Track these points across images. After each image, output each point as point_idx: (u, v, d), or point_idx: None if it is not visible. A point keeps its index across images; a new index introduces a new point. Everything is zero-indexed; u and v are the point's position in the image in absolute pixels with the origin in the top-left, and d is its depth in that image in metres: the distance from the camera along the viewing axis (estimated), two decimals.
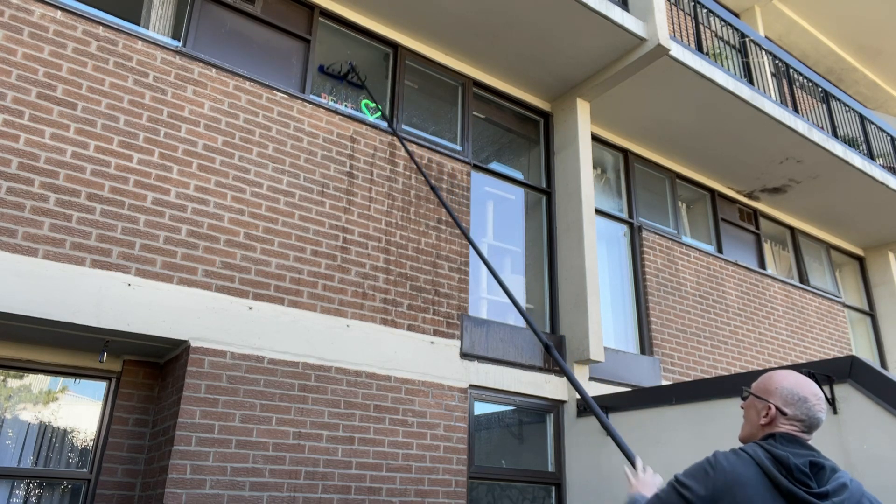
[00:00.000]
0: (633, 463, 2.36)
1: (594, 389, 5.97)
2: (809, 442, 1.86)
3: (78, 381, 4.32)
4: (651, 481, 2.21)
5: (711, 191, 8.56)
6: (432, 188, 4.84)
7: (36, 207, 3.86)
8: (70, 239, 3.92)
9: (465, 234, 4.36)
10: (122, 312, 3.93)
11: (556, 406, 5.86)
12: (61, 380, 4.29)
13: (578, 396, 5.80)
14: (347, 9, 5.81)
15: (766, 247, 9.11)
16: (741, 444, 1.93)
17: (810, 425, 1.87)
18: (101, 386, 4.34)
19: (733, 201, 8.82)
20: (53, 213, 3.91)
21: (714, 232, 8.34)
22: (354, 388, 4.66)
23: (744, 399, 2.04)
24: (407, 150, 5.08)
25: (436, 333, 5.24)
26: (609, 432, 2.77)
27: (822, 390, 3.94)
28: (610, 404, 5.37)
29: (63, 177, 4.01)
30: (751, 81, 7.69)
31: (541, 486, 5.60)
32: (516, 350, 5.70)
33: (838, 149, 8.06)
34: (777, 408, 1.88)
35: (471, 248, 5.91)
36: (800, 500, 1.69)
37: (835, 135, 8.64)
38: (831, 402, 3.95)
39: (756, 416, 1.94)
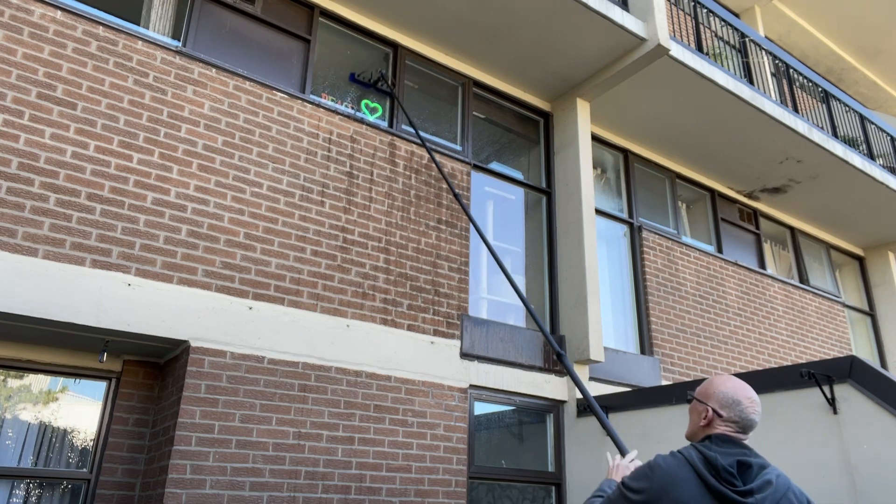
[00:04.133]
0: (623, 455, 2.55)
1: (594, 389, 5.97)
2: (746, 441, 2.01)
3: (78, 381, 4.32)
4: (628, 467, 2.41)
5: (711, 191, 8.56)
6: (452, 191, 4.84)
7: (36, 207, 3.86)
8: (70, 239, 3.92)
9: (483, 238, 4.36)
10: (122, 312, 3.93)
11: (556, 406, 5.86)
12: (61, 380, 4.28)
13: (579, 396, 5.81)
14: (347, 9, 5.81)
15: (766, 247, 9.11)
16: (689, 443, 2.09)
17: (744, 426, 2.02)
18: (101, 386, 4.34)
19: (733, 201, 8.83)
20: (53, 213, 3.91)
21: (714, 232, 8.34)
22: (354, 388, 4.66)
23: (688, 402, 2.21)
24: (432, 157, 5.08)
25: (436, 333, 5.24)
26: (604, 426, 2.92)
27: (824, 390, 3.95)
28: (610, 404, 5.37)
29: (63, 177, 4.01)
30: (751, 81, 7.69)
31: (541, 486, 5.60)
32: (516, 350, 5.70)
33: (838, 149, 8.06)
34: (714, 410, 2.04)
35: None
36: (726, 498, 1.84)
37: (835, 135, 8.64)
38: (831, 402, 3.95)
39: (697, 417, 2.11)
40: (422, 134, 5.99)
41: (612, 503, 1.99)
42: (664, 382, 6.58)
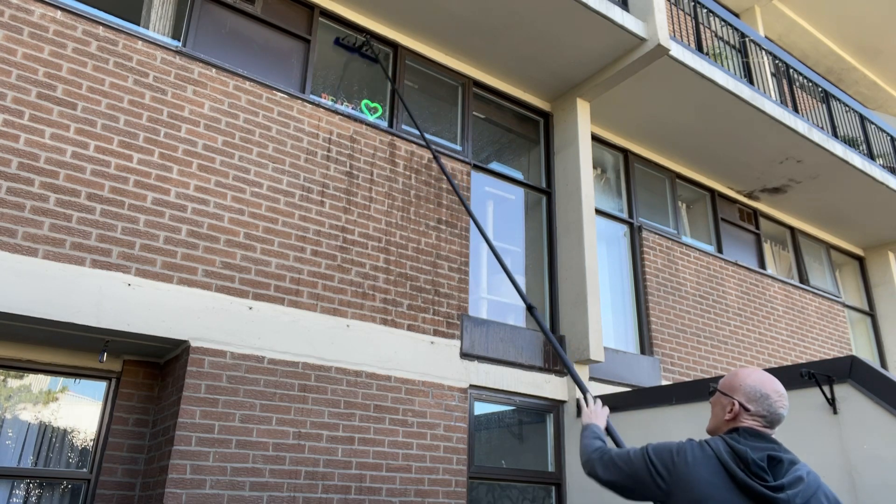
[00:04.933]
0: (585, 395, 2.73)
1: (594, 389, 5.97)
2: (773, 436, 1.97)
3: (78, 381, 4.32)
4: (601, 412, 2.58)
5: (711, 191, 8.56)
6: (450, 183, 4.84)
7: (36, 207, 3.86)
8: (70, 239, 3.92)
9: (483, 234, 4.36)
10: (122, 312, 3.93)
11: (556, 406, 5.86)
12: (61, 380, 4.28)
13: (579, 396, 5.80)
14: (347, 9, 5.81)
15: (766, 247, 9.11)
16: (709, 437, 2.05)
17: (772, 421, 1.98)
18: (101, 386, 4.34)
19: (733, 201, 8.82)
20: (53, 213, 3.91)
21: (714, 232, 8.34)
22: (354, 388, 4.66)
23: (711, 395, 2.15)
24: (429, 148, 5.08)
25: (436, 333, 5.24)
26: (568, 370, 3.24)
27: (824, 390, 3.95)
28: (610, 404, 5.36)
29: (63, 177, 4.01)
30: (751, 81, 7.69)
31: (541, 486, 5.60)
32: (516, 350, 5.70)
33: (838, 149, 8.06)
34: (741, 404, 1.98)
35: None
36: (755, 492, 1.78)
37: (835, 135, 8.64)
38: (831, 402, 3.95)
39: (721, 411, 2.05)
40: (409, 129, 5.99)
41: (632, 462, 2.00)
42: (664, 382, 6.58)
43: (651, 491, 1.95)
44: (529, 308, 3.70)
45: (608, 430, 2.67)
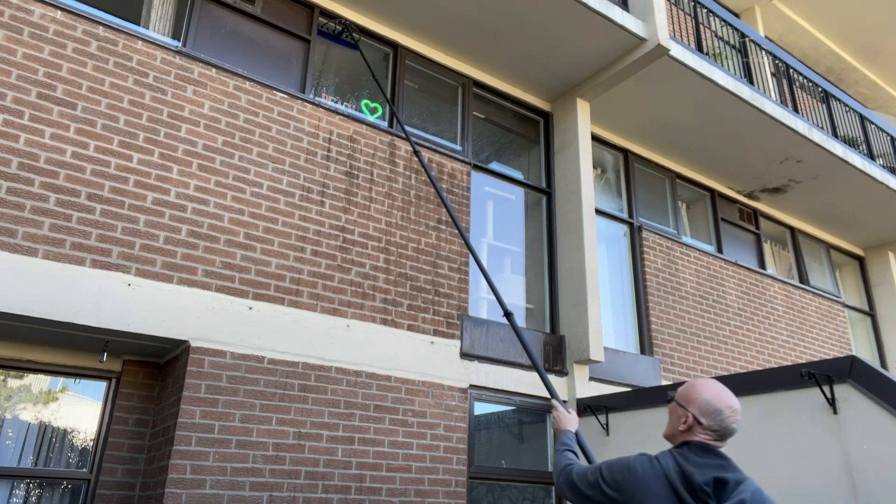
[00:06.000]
0: (555, 400, 2.89)
1: (594, 389, 5.98)
2: (723, 449, 2.04)
3: (78, 381, 4.32)
4: (572, 418, 2.70)
5: (711, 191, 8.56)
6: (434, 185, 4.84)
7: (36, 207, 3.86)
8: (70, 239, 3.92)
9: (461, 231, 4.36)
10: (122, 312, 3.93)
11: None
12: (61, 380, 4.28)
13: (579, 396, 5.81)
14: (347, 9, 5.81)
15: (766, 247, 9.11)
16: (671, 443, 2.16)
17: (723, 435, 2.04)
18: (101, 386, 4.34)
19: (733, 201, 8.83)
20: (53, 213, 3.91)
21: (714, 232, 8.34)
22: (354, 388, 4.66)
23: (668, 402, 2.22)
24: (418, 155, 5.08)
25: (436, 333, 5.24)
26: (542, 378, 3.31)
27: (824, 390, 3.95)
28: (610, 404, 5.38)
29: (63, 177, 4.01)
30: (751, 81, 7.69)
31: (541, 486, 5.60)
32: (516, 350, 5.70)
33: (838, 149, 8.06)
34: (695, 417, 2.05)
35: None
36: None
37: (835, 135, 8.64)
38: (831, 402, 3.95)
39: (677, 421, 2.12)
40: (410, 129, 5.99)
41: (590, 485, 2.11)
42: (664, 382, 6.58)
43: None
44: (507, 315, 3.73)
45: (577, 437, 2.73)
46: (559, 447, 2.49)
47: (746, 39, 8.01)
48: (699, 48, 7.16)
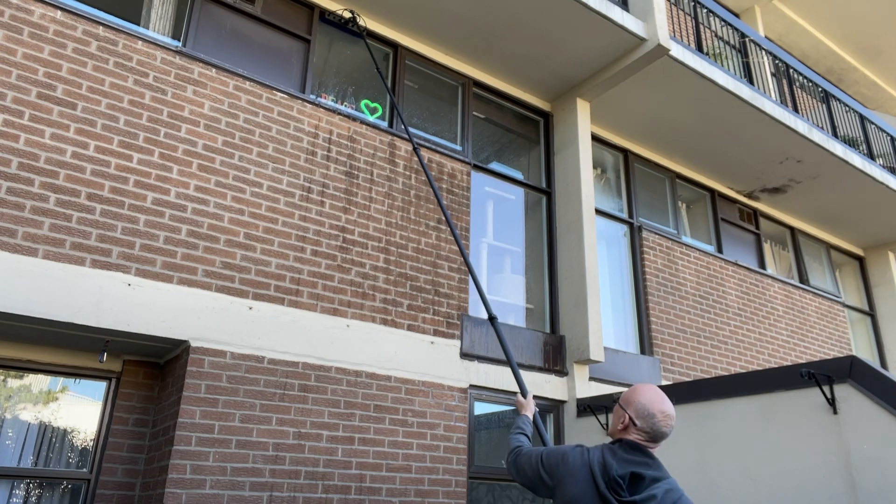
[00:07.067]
0: (522, 389, 3.10)
1: (594, 389, 5.98)
2: (654, 450, 2.22)
3: (78, 381, 4.32)
4: (530, 403, 2.99)
5: (711, 191, 8.56)
6: (431, 184, 4.84)
7: (36, 207, 3.86)
8: (70, 239, 3.92)
9: (453, 232, 4.36)
10: (122, 312, 3.93)
11: (556, 406, 5.86)
12: (61, 380, 4.29)
13: (579, 396, 5.81)
14: (347, 9, 5.81)
15: (766, 247, 9.11)
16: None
17: (655, 437, 2.21)
18: (101, 386, 4.34)
19: (733, 201, 8.83)
20: (53, 213, 3.91)
21: (714, 232, 8.34)
22: (354, 388, 4.66)
23: (614, 402, 2.42)
24: (417, 153, 5.08)
25: (436, 333, 5.24)
26: (513, 371, 3.41)
27: (824, 390, 3.94)
28: (610, 404, 5.37)
29: (63, 177, 4.01)
30: (751, 81, 7.69)
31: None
32: (516, 350, 5.70)
33: (838, 149, 8.06)
34: (631, 418, 2.23)
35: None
36: (611, 503, 2.08)
37: (835, 135, 8.64)
38: (831, 402, 3.95)
39: (616, 420, 2.31)
40: (410, 129, 5.99)
41: (532, 468, 2.39)
42: (664, 382, 6.58)
43: (545, 488, 2.31)
44: (491, 319, 3.76)
45: (535, 420, 2.99)
46: (513, 430, 2.76)
47: (746, 39, 8.01)
48: (699, 48, 7.16)
